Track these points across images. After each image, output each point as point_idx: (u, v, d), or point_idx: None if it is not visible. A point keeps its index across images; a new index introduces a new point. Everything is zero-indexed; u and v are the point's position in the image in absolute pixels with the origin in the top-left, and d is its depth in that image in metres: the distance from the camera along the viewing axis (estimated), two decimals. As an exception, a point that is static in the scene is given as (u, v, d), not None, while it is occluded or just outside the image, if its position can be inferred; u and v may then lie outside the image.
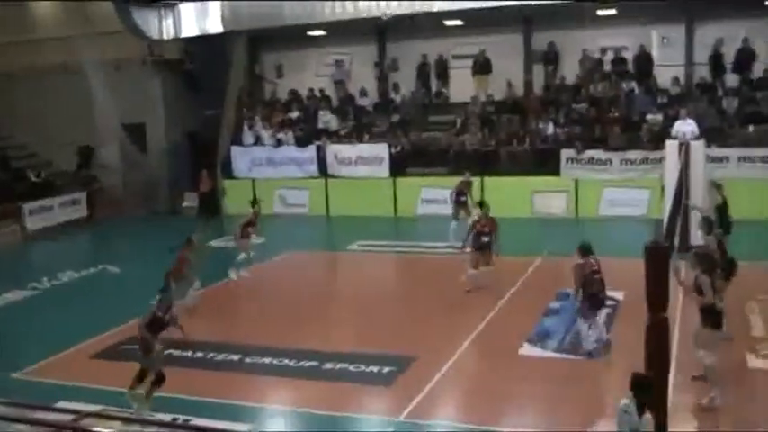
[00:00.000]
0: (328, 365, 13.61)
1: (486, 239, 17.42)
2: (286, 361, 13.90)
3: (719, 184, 18.02)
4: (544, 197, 26.06)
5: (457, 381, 13.03)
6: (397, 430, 11.16)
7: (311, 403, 12.13)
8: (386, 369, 13.29)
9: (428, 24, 29.60)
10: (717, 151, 24.40)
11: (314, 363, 13.74)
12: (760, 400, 12.01)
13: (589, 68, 29.19)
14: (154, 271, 16.09)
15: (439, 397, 12.35)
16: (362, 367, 13.42)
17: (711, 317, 10.95)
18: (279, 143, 30.11)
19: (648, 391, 7.92)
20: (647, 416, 7.91)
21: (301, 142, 29.80)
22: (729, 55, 27.95)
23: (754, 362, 13.23)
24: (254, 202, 21.48)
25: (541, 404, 12.04)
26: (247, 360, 13.99)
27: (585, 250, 13.79)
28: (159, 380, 11.67)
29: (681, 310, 14.17)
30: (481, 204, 18.69)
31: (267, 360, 13.98)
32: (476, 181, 24.45)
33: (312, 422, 11.57)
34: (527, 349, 14.21)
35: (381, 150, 28.58)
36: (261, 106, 32.64)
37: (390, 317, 16.63)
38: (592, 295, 13.72)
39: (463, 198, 22.88)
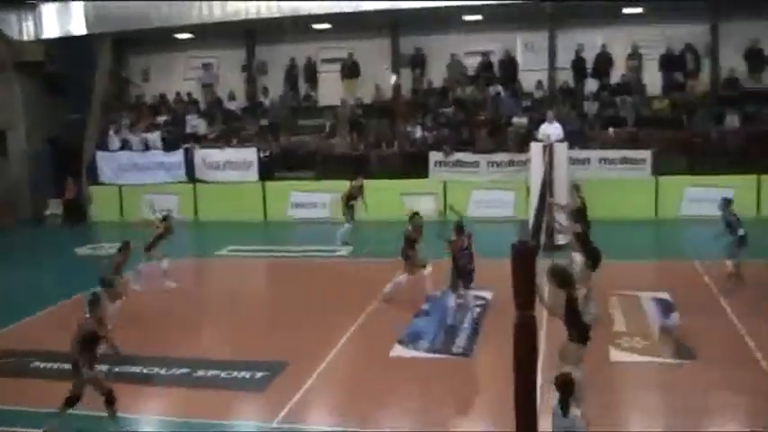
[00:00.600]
0: (200, 373, 13.39)
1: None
2: (156, 369, 13.62)
3: (578, 185, 18.55)
4: (413, 199, 26.33)
5: (330, 384, 13.02)
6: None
7: (183, 411, 11.92)
8: (258, 374, 13.17)
9: (296, 28, 29.58)
10: (579, 153, 25.20)
11: (185, 370, 13.51)
12: (622, 391, 12.44)
13: (456, 72, 29.70)
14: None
15: (312, 400, 12.32)
16: (235, 373, 13.27)
17: (578, 331, 10.87)
18: (146, 148, 29.52)
19: (570, 388, 8.14)
20: (576, 412, 8.12)
21: (169, 147, 29.32)
22: (590, 61, 28.92)
23: (615, 355, 13.72)
24: (165, 218, 20.35)
25: (413, 404, 12.14)
26: (116, 370, 13.61)
27: (459, 228, 15.76)
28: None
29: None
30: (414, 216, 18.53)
31: (136, 369, 13.63)
32: (344, 184, 24.49)
33: (185, 431, 11.37)
34: (398, 350, 14.33)
35: (250, 154, 28.39)
36: (127, 110, 31.94)
37: (262, 322, 16.52)
38: (461, 267, 15.42)
39: (353, 202, 23.24)
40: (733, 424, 11.39)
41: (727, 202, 17.59)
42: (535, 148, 22.52)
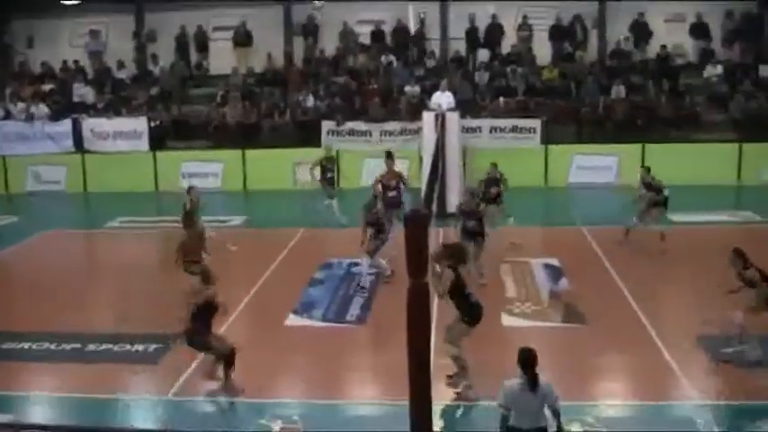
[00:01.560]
0: (91, 347, 13.13)
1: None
2: (47, 345, 13.25)
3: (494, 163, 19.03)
4: (306, 169, 26.24)
5: (224, 355, 12.96)
6: (166, 408, 11.01)
7: (75, 387, 11.67)
8: (152, 347, 13.02)
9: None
10: (470, 122, 25.51)
11: (76, 345, 13.22)
12: (514, 353, 12.71)
13: (349, 41, 29.68)
14: None
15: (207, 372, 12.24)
16: (127, 347, 13.09)
17: (465, 313, 10.93)
18: (31, 118, 28.54)
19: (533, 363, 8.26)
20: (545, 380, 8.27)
21: (55, 116, 28.45)
22: (481, 31, 29.26)
23: (507, 320, 14.03)
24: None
25: (306, 373, 12.20)
26: (3, 347, 13.26)
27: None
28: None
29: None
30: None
31: (25, 345, 13.27)
32: (236, 154, 24.26)
33: (77, 407, 11.12)
34: (293, 320, 14.35)
35: (140, 124, 27.74)
36: (10, 78, 30.87)
37: (154, 294, 16.22)
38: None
39: (330, 174, 22.01)
40: (621, 384, 11.89)
41: (647, 169, 18.30)
42: (427, 117, 22.71)
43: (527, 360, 8.28)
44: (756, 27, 29.41)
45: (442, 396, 10.54)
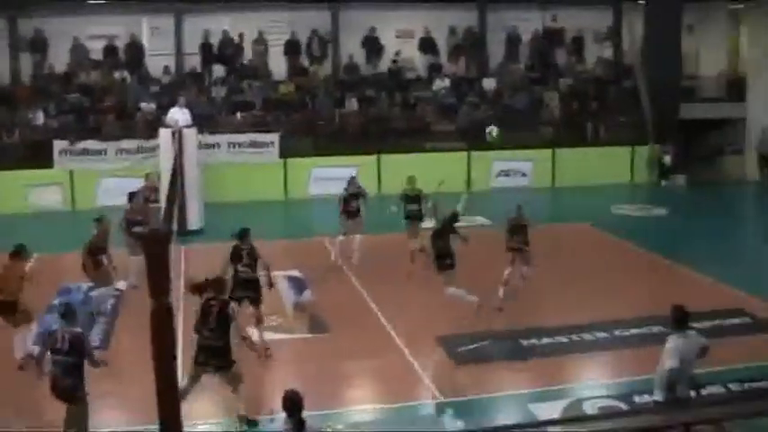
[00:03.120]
0: None
1: None
2: None
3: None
4: (38, 191, 25.15)
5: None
6: None
7: None
8: None
9: None
10: (209, 138, 25.38)
11: None
12: (262, 367, 12.82)
13: (80, 57, 28.71)
14: None
15: None
16: None
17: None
18: None
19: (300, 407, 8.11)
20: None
21: None
22: (216, 46, 29.21)
23: (253, 335, 14.06)
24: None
25: (47, 405, 11.66)
26: None
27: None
28: None
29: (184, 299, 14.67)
30: None
31: None
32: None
33: None
34: (31, 349, 13.63)
35: None
36: None
37: None
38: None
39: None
40: (367, 389, 12.27)
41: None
42: (164, 134, 22.35)
43: (294, 404, 8.16)
44: (478, 43, 31.23)
45: (193, 416, 10.43)
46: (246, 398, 10.90)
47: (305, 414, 8.12)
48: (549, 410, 10.79)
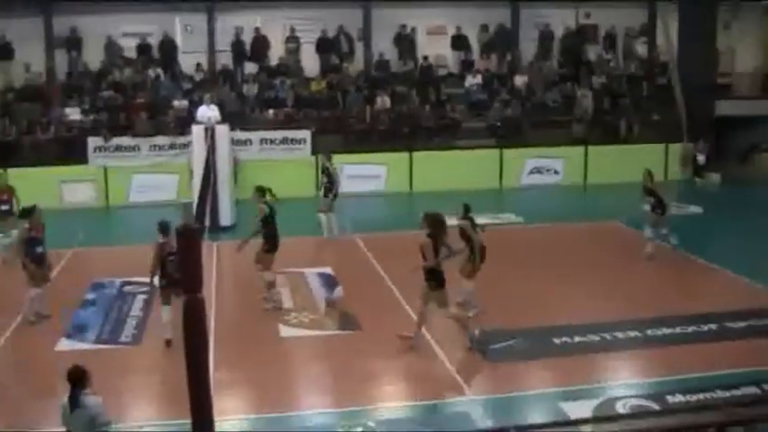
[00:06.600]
0: None
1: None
2: None
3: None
4: (72, 187, 25.36)
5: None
6: None
7: None
8: None
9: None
10: (240, 134, 25.48)
11: None
12: (293, 364, 12.87)
13: (113, 55, 28.94)
14: None
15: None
16: None
17: (435, 277, 12.70)
18: None
19: (81, 379, 8.12)
20: (91, 399, 8.13)
21: None
22: (248, 43, 29.33)
23: (285, 331, 14.13)
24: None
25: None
26: None
27: (164, 229, 13.23)
28: None
29: (216, 291, 14.79)
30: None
31: None
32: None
33: None
34: (64, 344, 13.81)
35: None
36: None
37: None
38: (168, 275, 13.09)
39: (5, 207, 19.47)
40: (397, 386, 12.18)
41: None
42: (197, 131, 22.47)
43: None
44: (510, 39, 31.13)
45: (223, 413, 10.48)
46: (275, 393, 10.93)
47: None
48: (581, 409, 10.72)
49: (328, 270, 17.58)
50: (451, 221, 13.92)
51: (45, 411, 10.79)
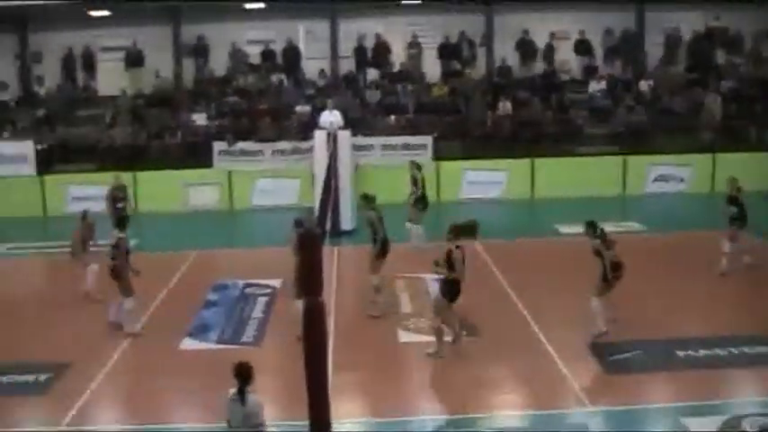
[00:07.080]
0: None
1: None
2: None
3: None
4: (197, 190, 26.01)
5: (118, 382, 12.70)
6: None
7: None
8: (42, 377, 12.68)
9: (72, 15, 28.55)
10: (362, 140, 25.65)
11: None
12: (412, 369, 12.87)
13: (238, 61, 29.60)
14: None
15: (100, 400, 12.00)
16: (16, 377, 12.72)
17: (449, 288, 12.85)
18: None
19: (248, 376, 8.20)
20: (253, 397, 8.16)
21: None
22: (370, 50, 29.58)
23: (404, 336, 14.15)
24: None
25: (202, 397, 12.01)
26: None
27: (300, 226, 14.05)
28: None
29: (335, 295, 14.92)
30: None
31: None
32: (127, 177, 23.71)
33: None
34: (188, 343, 14.17)
35: (25, 147, 26.93)
36: None
37: (41, 322, 15.74)
38: None
39: (121, 204, 20.88)
40: (515, 394, 12.04)
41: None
42: (319, 136, 22.75)
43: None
44: (635, 44, 30.49)
45: (341, 415, 10.55)
46: (390, 398, 10.95)
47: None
48: (705, 425, 10.39)
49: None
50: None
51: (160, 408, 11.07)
